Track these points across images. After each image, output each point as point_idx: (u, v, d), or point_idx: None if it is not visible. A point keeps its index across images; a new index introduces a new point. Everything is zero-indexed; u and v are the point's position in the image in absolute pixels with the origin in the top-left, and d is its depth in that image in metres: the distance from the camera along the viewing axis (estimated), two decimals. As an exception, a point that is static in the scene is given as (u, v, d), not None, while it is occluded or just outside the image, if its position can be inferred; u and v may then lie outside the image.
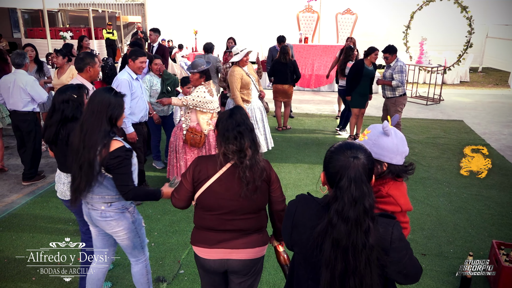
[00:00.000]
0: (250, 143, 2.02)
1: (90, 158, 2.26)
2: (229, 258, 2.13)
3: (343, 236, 1.36)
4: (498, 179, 5.37)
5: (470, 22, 11.86)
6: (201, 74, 4.32)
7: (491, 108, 9.55)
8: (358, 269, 1.36)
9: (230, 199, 2.03)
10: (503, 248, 3.36)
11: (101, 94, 2.34)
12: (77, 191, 2.34)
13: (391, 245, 1.41)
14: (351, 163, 1.40)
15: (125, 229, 2.53)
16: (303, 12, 12.83)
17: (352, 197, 1.36)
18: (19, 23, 17.20)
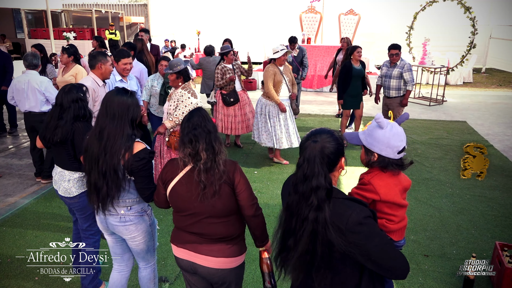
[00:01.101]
0: (206, 145, 1.98)
1: (115, 163, 2.21)
2: (195, 262, 2.11)
3: (293, 203, 1.58)
4: (501, 180, 5.34)
5: (473, 23, 11.81)
6: (178, 75, 4.07)
7: (495, 109, 9.51)
8: (299, 234, 1.55)
9: (190, 202, 2.03)
10: (506, 250, 3.34)
11: (119, 97, 2.28)
12: (107, 198, 2.28)
13: (346, 226, 1.50)
14: (309, 146, 1.59)
15: (143, 233, 2.50)
16: (306, 12, 12.83)
17: (303, 174, 1.55)
18: (22, 23, 17.28)
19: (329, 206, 1.53)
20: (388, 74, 6.19)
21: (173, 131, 4.26)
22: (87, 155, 2.30)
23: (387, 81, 6.22)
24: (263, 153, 6.37)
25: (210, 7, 16.31)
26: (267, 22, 15.83)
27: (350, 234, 1.49)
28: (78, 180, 2.90)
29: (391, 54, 6.05)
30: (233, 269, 2.15)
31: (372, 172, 1.99)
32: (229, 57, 6.02)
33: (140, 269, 2.71)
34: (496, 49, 15.01)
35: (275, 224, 1.69)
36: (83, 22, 20.25)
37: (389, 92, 6.25)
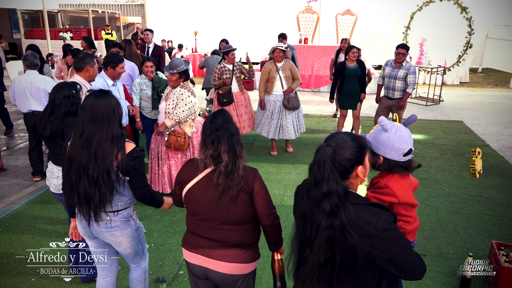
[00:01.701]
0: (228, 148, 1.93)
1: (108, 167, 2.16)
2: (208, 267, 2.06)
3: (305, 209, 1.54)
4: (498, 180, 5.36)
5: (470, 23, 11.87)
6: (181, 75, 4.14)
7: (491, 108, 9.55)
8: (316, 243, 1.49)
9: (206, 206, 1.98)
10: (503, 249, 3.35)
11: (103, 100, 2.21)
12: (101, 206, 2.24)
13: (374, 231, 1.47)
14: (320, 149, 1.54)
15: (128, 237, 2.45)
16: (303, 13, 12.84)
17: (313, 178, 1.51)
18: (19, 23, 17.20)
19: (345, 211, 1.47)
20: (393, 75, 6.08)
21: (172, 131, 4.24)
22: (72, 167, 2.21)
23: (392, 82, 6.10)
24: (260, 154, 6.37)
25: (207, 7, 16.29)
26: (264, 22, 15.83)
27: (376, 240, 1.47)
28: None
29: (398, 53, 5.95)
30: (246, 275, 2.10)
31: (386, 175, 1.97)
32: (229, 56, 5.92)
33: (131, 270, 2.68)
34: (492, 49, 15.07)
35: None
36: (79, 22, 20.18)
37: (393, 93, 6.15)
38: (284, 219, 4.31)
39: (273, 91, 5.92)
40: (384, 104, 6.35)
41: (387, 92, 6.24)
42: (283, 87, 5.88)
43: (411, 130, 7.59)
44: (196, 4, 16.42)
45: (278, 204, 4.64)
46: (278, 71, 5.82)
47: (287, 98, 5.88)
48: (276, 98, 5.95)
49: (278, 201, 4.70)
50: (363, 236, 1.46)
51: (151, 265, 3.51)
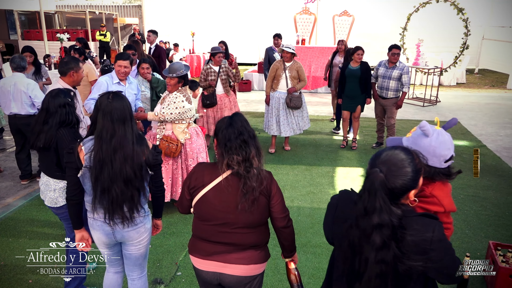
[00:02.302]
0: (256, 151, 1.94)
1: (140, 163, 2.21)
2: (222, 272, 2.04)
3: (354, 239, 1.40)
4: (494, 180, 5.39)
5: (466, 24, 11.91)
6: (180, 79, 4.02)
7: (488, 109, 9.59)
8: (365, 279, 1.38)
9: (225, 211, 1.95)
10: (500, 249, 3.37)
11: (120, 103, 2.21)
12: (138, 203, 2.26)
13: (431, 245, 1.40)
14: (370, 175, 1.39)
15: (149, 233, 2.46)
16: (300, 14, 12.86)
17: (363, 207, 1.37)
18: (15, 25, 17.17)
19: (400, 239, 1.38)
20: (387, 75, 6.15)
21: (164, 136, 4.10)
22: (102, 173, 2.15)
23: (386, 82, 6.16)
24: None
25: (205, 8, 16.30)
26: (261, 23, 15.85)
27: (432, 252, 1.41)
28: (64, 190, 2.78)
29: (394, 53, 6.02)
30: (259, 275, 2.13)
31: (428, 182, 1.84)
32: (216, 58, 5.94)
33: (134, 281, 2.58)
34: (488, 50, 15.14)
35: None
36: (76, 23, 20.14)
37: (386, 93, 6.21)
38: (281, 220, 4.32)
39: (278, 88, 6.14)
40: (378, 103, 6.45)
41: (381, 91, 6.31)
42: (288, 85, 6.05)
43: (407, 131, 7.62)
44: (193, 5, 16.43)
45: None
46: (285, 70, 6.02)
47: (289, 97, 6.03)
48: (280, 95, 6.14)
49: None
50: (419, 255, 1.38)
51: (148, 266, 3.50)
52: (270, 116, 6.25)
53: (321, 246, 3.83)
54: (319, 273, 3.44)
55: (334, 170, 5.74)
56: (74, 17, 20.35)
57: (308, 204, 4.68)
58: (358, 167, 5.85)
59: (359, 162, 6.08)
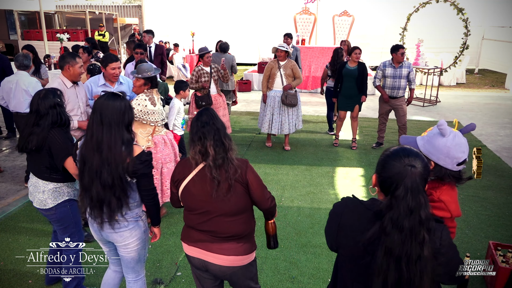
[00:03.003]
0: (215, 142, 2.02)
1: (120, 172, 2.16)
2: (207, 260, 2.14)
3: (396, 245, 1.34)
4: (494, 180, 5.39)
5: (466, 24, 11.92)
6: (146, 81, 3.83)
7: (488, 109, 9.59)
8: (412, 281, 1.35)
9: (204, 200, 2.06)
10: (500, 249, 3.37)
11: (112, 103, 2.19)
12: (117, 210, 2.23)
13: (440, 249, 1.39)
14: (408, 172, 1.36)
15: (137, 239, 2.41)
16: (300, 14, 12.86)
17: (408, 207, 1.34)
18: (15, 25, 17.17)
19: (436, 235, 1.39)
20: (397, 74, 6.12)
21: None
22: (85, 169, 2.20)
23: (397, 82, 6.12)
24: (258, 155, 6.38)
25: (205, 8, 16.30)
26: (261, 23, 15.86)
27: (441, 256, 1.40)
28: (53, 191, 2.79)
29: (402, 53, 6.01)
30: (244, 266, 2.18)
31: (439, 187, 1.82)
32: (205, 59, 5.86)
33: (130, 284, 2.56)
34: (488, 50, 15.15)
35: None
36: (76, 23, 20.14)
37: (397, 92, 6.18)
38: (281, 219, 4.32)
39: (273, 87, 6.23)
40: (386, 104, 6.35)
41: (391, 91, 6.23)
42: (283, 83, 6.13)
43: (408, 131, 7.62)
44: (193, 5, 16.43)
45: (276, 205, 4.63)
46: (280, 69, 6.10)
47: (285, 94, 6.10)
48: (275, 94, 6.23)
49: (276, 202, 4.69)
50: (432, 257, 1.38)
51: (148, 266, 3.50)
52: (264, 114, 6.35)
53: (321, 246, 3.83)
54: (319, 273, 3.44)
55: (334, 170, 5.74)
56: (74, 17, 20.35)
57: (308, 204, 4.68)
58: (358, 167, 5.85)
59: (359, 162, 6.08)
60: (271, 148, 6.63)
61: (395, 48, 6.07)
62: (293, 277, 3.39)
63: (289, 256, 3.68)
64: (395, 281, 1.36)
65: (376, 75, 6.37)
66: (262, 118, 6.42)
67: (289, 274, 3.43)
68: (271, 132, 6.41)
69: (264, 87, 6.28)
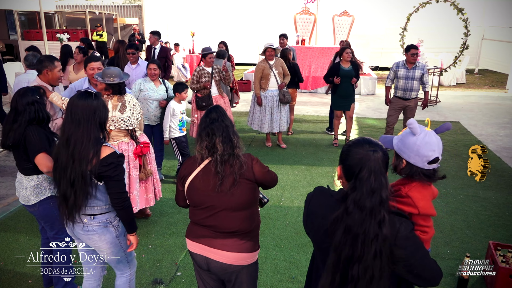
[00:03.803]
0: (223, 138, 2.05)
1: (83, 170, 2.16)
2: (208, 256, 2.14)
3: (356, 223, 1.43)
4: (494, 180, 5.39)
5: (466, 24, 11.91)
6: (107, 87, 3.63)
7: (487, 109, 9.59)
8: (365, 258, 1.42)
9: (208, 195, 2.08)
10: (500, 249, 3.37)
11: (83, 102, 2.20)
12: (75, 208, 2.23)
13: (395, 241, 1.45)
14: (371, 156, 1.48)
15: (107, 244, 2.40)
16: (300, 14, 12.87)
17: (370, 188, 1.44)
18: (15, 25, 17.15)
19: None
20: (409, 76, 6.00)
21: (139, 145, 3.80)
22: (57, 165, 2.24)
23: (410, 83, 6.01)
24: (258, 155, 6.38)
25: (205, 8, 16.30)
26: (261, 23, 15.85)
27: (397, 249, 1.46)
28: (35, 188, 2.81)
29: (413, 54, 5.89)
30: (245, 266, 2.16)
31: (407, 182, 1.88)
32: (207, 60, 5.81)
33: (117, 277, 2.66)
34: (488, 50, 15.15)
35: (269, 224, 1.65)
36: (76, 23, 20.13)
37: (410, 94, 6.06)
38: (281, 219, 4.32)
39: (268, 87, 6.28)
40: (398, 105, 6.23)
41: (403, 93, 6.10)
42: (278, 82, 6.24)
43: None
44: (193, 6, 16.43)
45: (276, 205, 4.64)
46: (272, 68, 6.17)
47: (282, 93, 6.25)
48: (272, 94, 6.30)
49: (276, 202, 4.70)
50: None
51: (148, 266, 3.50)
52: (264, 115, 6.37)
53: (321, 246, 3.83)
54: (319, 273, 3.44)
55: (334, 170, 5.74)
56: (74, 17, 20.33)
57: (308, 204, 4.68)
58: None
59: (359, 162, 6.07)
60: (271, 148, 6.64)
61: (407, 48, 5.99)
62: (293, 277, 3.39)
63: (289, 256, 3.68)
64: (347, 257, 1.44)
65: (389, 75, 6.30)
66: (261, 118, 6.43)
67: (289, 274, 3.43)
68: (273, 131, 6.47)
69: (258, 88, 6.28)
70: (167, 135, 4.95)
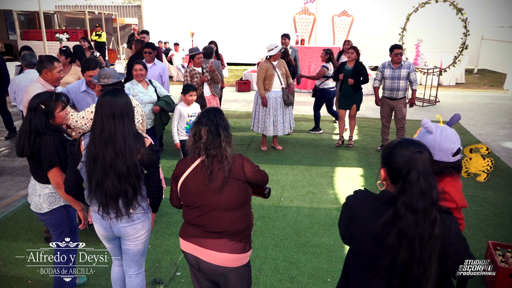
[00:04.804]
0: (209, 128, 2.03)
1: (135, 161, 2.23)
2: (198, 256, 2.14)
3: (410, 226, 1.42)
4: (493, 180, 5.39)
5: (465, 24, 11.90)
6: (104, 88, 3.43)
7: (487, 109, 9.60)
8: (423, 259, 1.43)
9: (199, 194, 2.08)
10: (499, 249, 3.37)
11: (120, 98, 2.26)
12: (134, 199, 2.30)
13: (448, 239, 1.46)
14: (418, 157, 1.46)
15: (147, 231, 2.52)
16: (299, 14, 12.87)
17: (421, 189, 1.42)
18: (15, 25, 17.15)
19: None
20: (395, 75, 6.05)
21: None
22: (96, 166, 2.22)
23: (396, 83, 6.05)
24: (257, 155, 6.38)
25: (204, 8, 16.30)
26: (261, 23, 15.85)
27: (450, 246, 1.47)
28: (49, 196, 2.77)
29: (396, 54, 5.95)
30: (235, 269, 2.13)
31: (443, 179, 1.89)
32: (195, 60, 5.75)
33: (132, 278, 2.62)
34: (488, 50, 15.15)
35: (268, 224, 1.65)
36: (76, 23, 20.12)
37: (397, 93, 6.10)
38: (281, 220, 4.32)
39: (272, 88, 6.15)
40: (386, 105, 6.29)
41: (390, 93, 6.17)
42: (282, 83, 6.14)
43: (407, 131, 7.61)
44: (192, 6, 16.43)
45: (275, 205, 4.64)
46: (275, 69, 6.07)
47: (287, 94, 6.15)
48: (276, 95, 6.18)
49: (276, 202, 4.70)
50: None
51: (148, 266, 3.50)
52: (267, 117, 6.22)
53: (320, 246, 3.83)
54: (318, 273, 3.45)
55: (334, 170, 5.74)
56: (74, 17, 20.33)
57: (308, 204, 4.68)
58: (357, 167, 5.86)
59: (359, 162, 6.08)
60: (270, 148, 6.63)
61: (391, 48, 6.06)
62: (293, 277, 3.40)
63: (289, 256, 3.68)
64: (404, 260, 1.44)
65: (376, 76, 6.35)
66: (264, 121, 6.26)
67: (288, 274, 3.43)
68: (278, 134, 6.37)
69: (262, 89, 6.14)
70: (176, 139, 4.80)
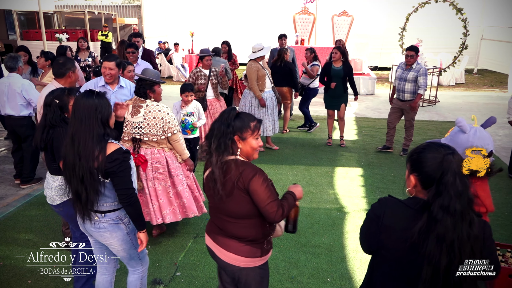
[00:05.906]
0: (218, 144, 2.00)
1: (90, 167, 2.19)
2: (214, 251, 2.20)
3: (449, 229, 1.39)
4: (493, 180, 5.38)
5: (465, 24, 11.92)
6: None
7: (486, 109, 9.60)
8: (463, 261, 1.41)
9: (212, 196, 2.12)
10: (499, 249, 3.37)
11: (84, 100, 2.25)
12: (88, 205, 2.28)
13: (484, 243, 1.45)
14: (451, 159, 1.43)
15: (119, 241, 2.43)
16: (299, 14, 12.87)
17: (457, 190, 1.40)
18: (14, 25, 17.13)
19: None
20: (403, 77, 6.01)
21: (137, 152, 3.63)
22: (65, 164, 2.29)
23: (402, 84, 6.01)
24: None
25: (204, 8, 16.29)
26: (260, 23, 15.85)
27: (485, 250, 1.46)
28: (59, 189, 2.87)
29: (407, 55, 5.92)
30: (245, 269, 2.13)
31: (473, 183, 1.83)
32: (204, 62, 5.73)
33: (129, 273, 2.69)
34: (487, 50, 15.15)
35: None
36: (75, 23, 20.11)
37: (403, 95, 6.06)
38: (281, 220, 4.32)
39: (265, 88, 6.11)
40: (395, 105, 6.25)
41: (398, 94, 6.15)
42: (272, 82, 6.21)
43: (407, 131, 7.60)
44: (192, 6, 16.42)
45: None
46: (264, 69, 6.06)
47: (277, 94, 6.25)
48: (270, 95, 6.20)
49: (275, 202, 4.70)
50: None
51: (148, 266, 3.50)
52: (266, 118, 6.15)
53: (320, 246, 3.84)
54: (318, 273, 3.45)
55: (333, 170, 5.75)
56: (73, 17, 20.31)
57: (308, 204, 4.69)
58: (357, 167, 5.86)
59: (358, 162, 6.08)
60: (269, 148, 6.63)
61: (406, 49, 6.05)
62: (293, 277, 3.40)
63: (289, 256, 3.68)
64: (446, 266, 1.40)
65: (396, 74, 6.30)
66: (264, 122, 6.16)
67: (288, 274, 3.44)
68: (276, 132, 6.40)
69: (258, 90, 6.01)
70: None
